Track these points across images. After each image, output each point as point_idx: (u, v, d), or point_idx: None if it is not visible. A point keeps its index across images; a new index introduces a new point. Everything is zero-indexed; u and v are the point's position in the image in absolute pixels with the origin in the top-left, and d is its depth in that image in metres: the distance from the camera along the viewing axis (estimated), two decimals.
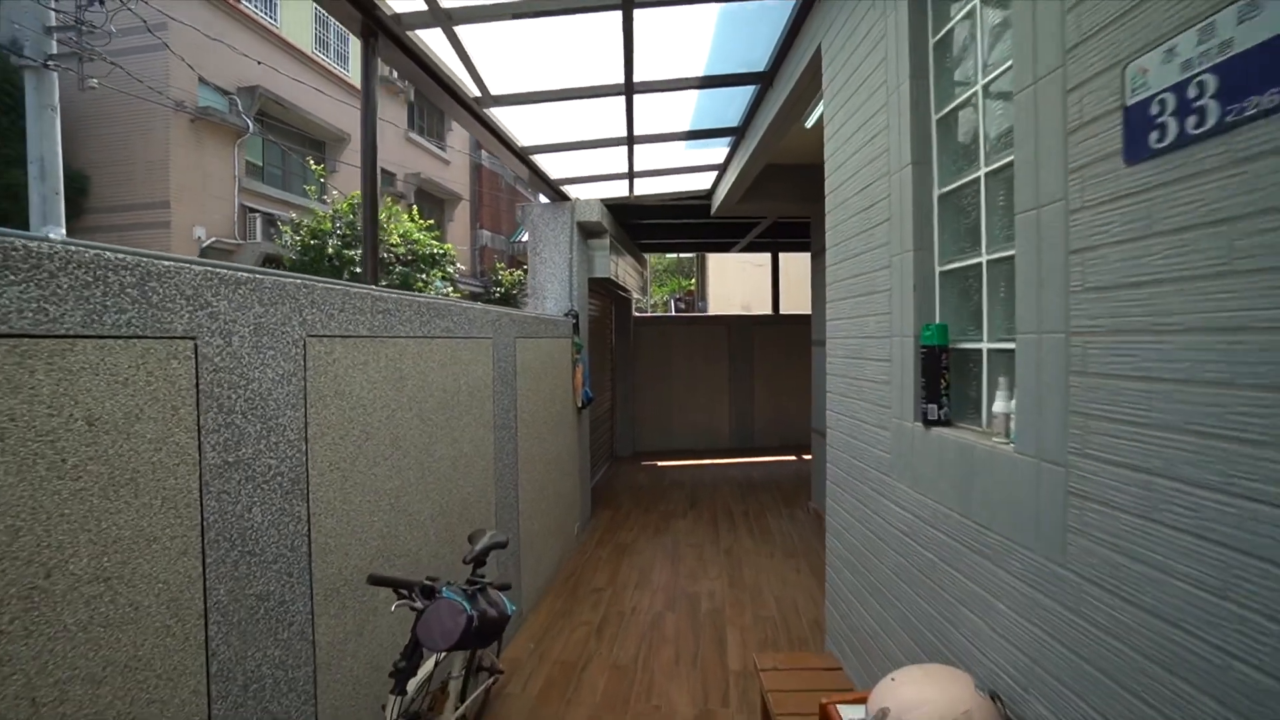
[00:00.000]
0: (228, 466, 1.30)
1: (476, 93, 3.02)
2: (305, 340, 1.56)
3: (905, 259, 1.56)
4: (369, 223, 2.47)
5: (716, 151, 4.35)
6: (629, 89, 3.02)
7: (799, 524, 5.03)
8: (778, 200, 4.91)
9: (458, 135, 19.68)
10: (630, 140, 3.78)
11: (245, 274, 1.38)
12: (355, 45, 14.25)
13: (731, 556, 4.33)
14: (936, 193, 1.50)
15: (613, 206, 5.52)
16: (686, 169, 4.63)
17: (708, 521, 5.16)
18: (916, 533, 1.54)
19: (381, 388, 1.92)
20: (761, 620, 3.38)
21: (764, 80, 3.08)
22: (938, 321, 1.50)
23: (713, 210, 5.30)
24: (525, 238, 4.93)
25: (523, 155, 3.92)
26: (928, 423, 1.45)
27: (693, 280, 22.40)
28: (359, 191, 10.35)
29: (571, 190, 4.92)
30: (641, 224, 7.22)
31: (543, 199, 5.05)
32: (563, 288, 4.82)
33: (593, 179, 4.68)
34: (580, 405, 4.69)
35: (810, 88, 2.85)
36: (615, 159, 4.35)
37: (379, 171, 2.97)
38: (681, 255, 23.33)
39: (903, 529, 1.63)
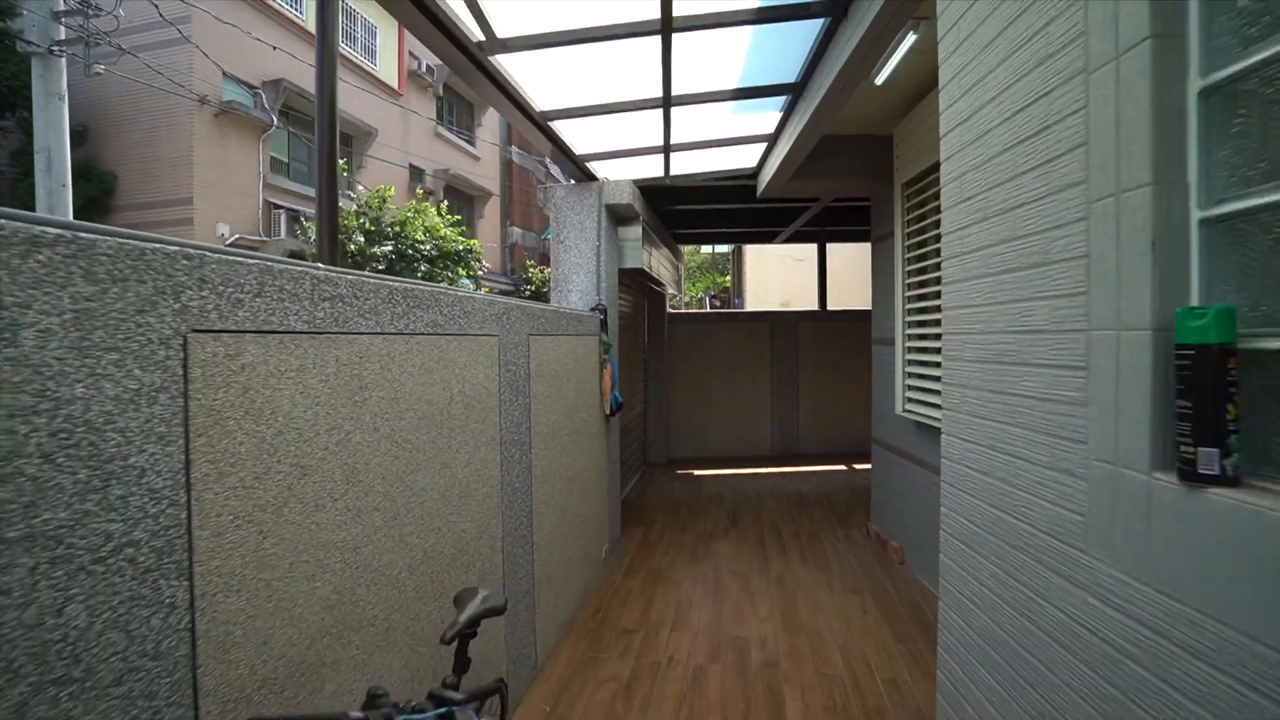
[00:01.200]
0: None
1: (479, 35, 2.48)
2: (186, 338, 1.03)
3: (1130, 202, 0.95)
4: (325, 187, 1.97)
5: (766, 118, 3.74)
6: (666, 27, 2.44)
7: (858, 549, 4.37)
8: (834, 178, 4.27)
9: (489, 131, 19.38)
10: (667, 102, 3.20)
11: (57, 230, 0.85)
12: (383, 39, 14.02)
13: (783, 588, 3.72)
14: (1197, 83, 0.89)
15: (646, 189, 4.95)
16: (731, 140, 4.03)
17: (753, 543, 4.55)
18: (1144, 652, 0.94)
19: (329, 403, 1.39)
20: (826, 679, 2.76)
21: (836, 10, 2.46)
22: (1200, 304, 0.89)
23: (759, 191, 4.68)
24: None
25: (541, 122, 3.38)
26: (1191, 477, 0.84)
27: (728, 277, 21.71)
28: (386, 186, 10.03)
29: (599, 169, 4.37)
30: (677, 210, 6.64)
31: (566, 179, 4.51)
32: (589, 280, 4.28)
33: (623, 154, 4.12)
34: (609, 412, 4.14)
35: (898, 15, 2.23)
36: (649, 129, 3.78)
37: (338, 122, 2.45)
38: (716, 250, 22.66)
39: (1108, 636, 1.02)
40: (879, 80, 3.23)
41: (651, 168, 4.56)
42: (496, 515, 2.34)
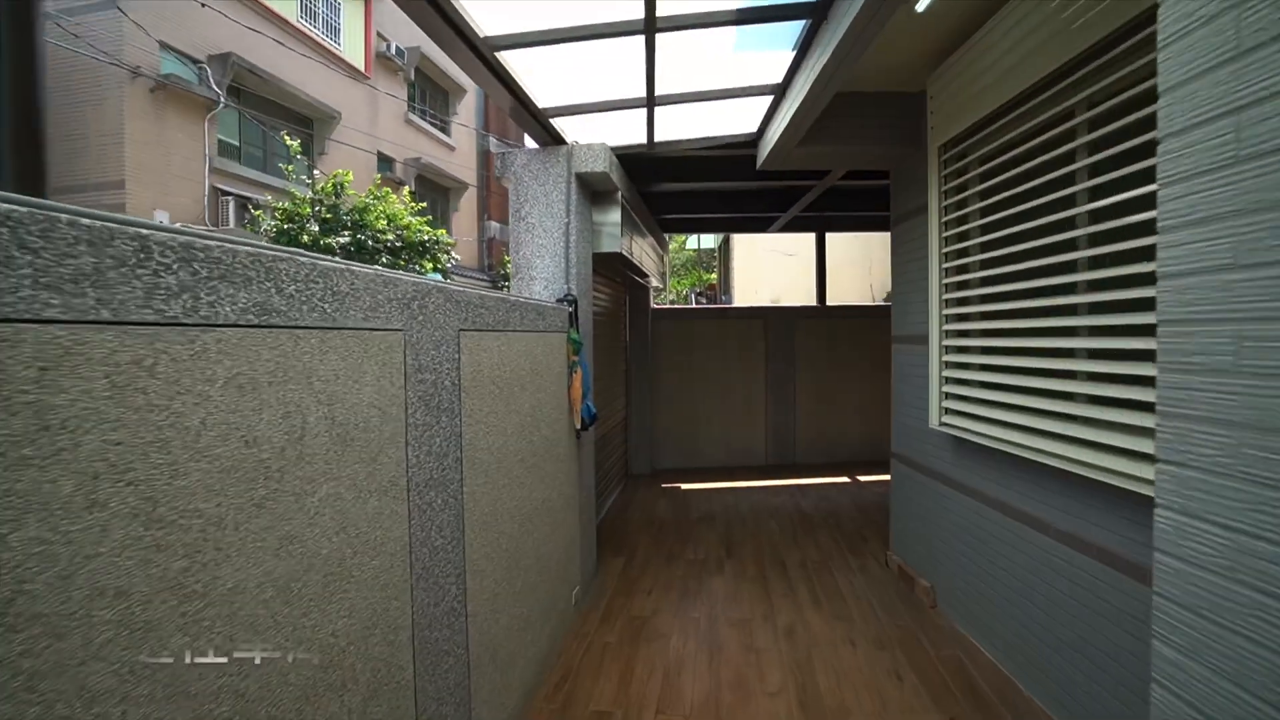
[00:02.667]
0: None
1: None
2: None
3: None
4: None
5: (774, 61, 3.02)
6: None
7: (878, 586, 3.68)
8: (850, 144, 3.56)
9: (465, 120, 18.51)
10: (651, 26, 2.46)
11: None
12: (348, 17, 13.11)
13: (795, 644, 3.01)
14: None
15: (626, 160, 4.21)
16: (729, 93, 3.30)
17: (753, 578, 3.83)
18: None
19: None
20: None
21: None
22: None
23: (759, 162, 3.97)
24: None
25: (486, 55, 2.62)
26: None
27: (714, 274, 21.04)
28: (345, 171, 9.19)
29: (569, 130, 3.62)
30: (663, 193, 5.91)
31: (529, 143, 3.76)
32: (556, 265, 3.53)
33: (598, 108, 3.38)
34: (581, 426, 3.40)
35: None
36: (629, 76, 3.05)
37: None
38: (702, 247, 21.98)
39: None
40: (921, 6, 2.53)
41: (632, 132, 3.83)
42: (401, 593, 1.59)
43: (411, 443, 1.66)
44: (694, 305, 16.38)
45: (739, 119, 3.79)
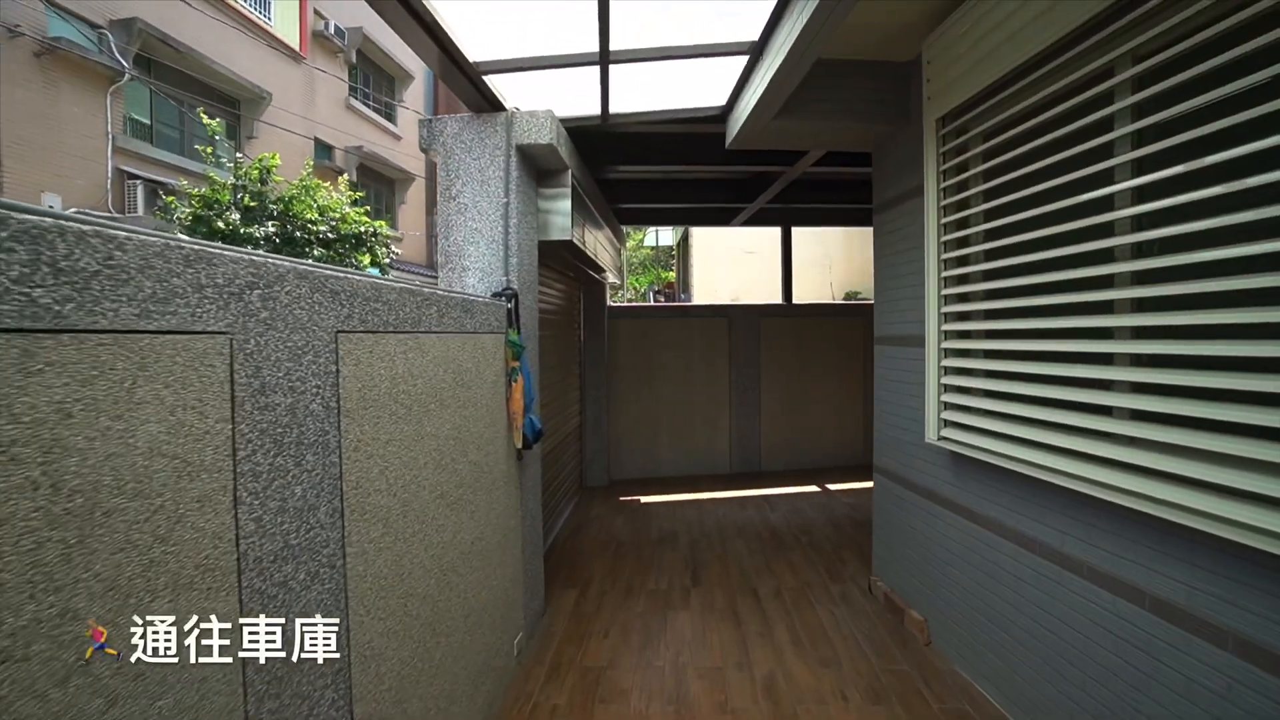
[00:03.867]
0: None
1: None
2: None
3: None
4: None
5: (751, 12, 2.55)
6: None
7: (864, 619, 3.27)
8: (831, 118, 3.13)
9: (413, 107, 17.57)
10: None
11: None
12: None
13: (777, 701, 2.56)
14: None
15: (578, 134, 3.69)
16: (697, 50, 2.82)
17: (723, 613, 3.38)
18: None
19: None
20: None
21: None
22: None
23: (730, 139, 3.51)
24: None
25: None
26: None
27: (673, 273, 20.68)
28: (271, 154, 8.35)
29: (508, 91, 3.07)
30: (619, 179, 5.41)
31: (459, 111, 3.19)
32: (493, 253, 2.98)
33: (543, 64, 2.85)
34: (523, 444, 2.86)
35: None
36: (579, 31, 2.54)
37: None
38: (659, 245, 21.59)
39: None
40: None
41: (584, 101, 3.32)
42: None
43: (247, 501, 1.11)
44: (653, 303, 15.90)
45: (706, 90, 3.32)
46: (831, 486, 5.95)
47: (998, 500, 2.44)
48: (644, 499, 5.74)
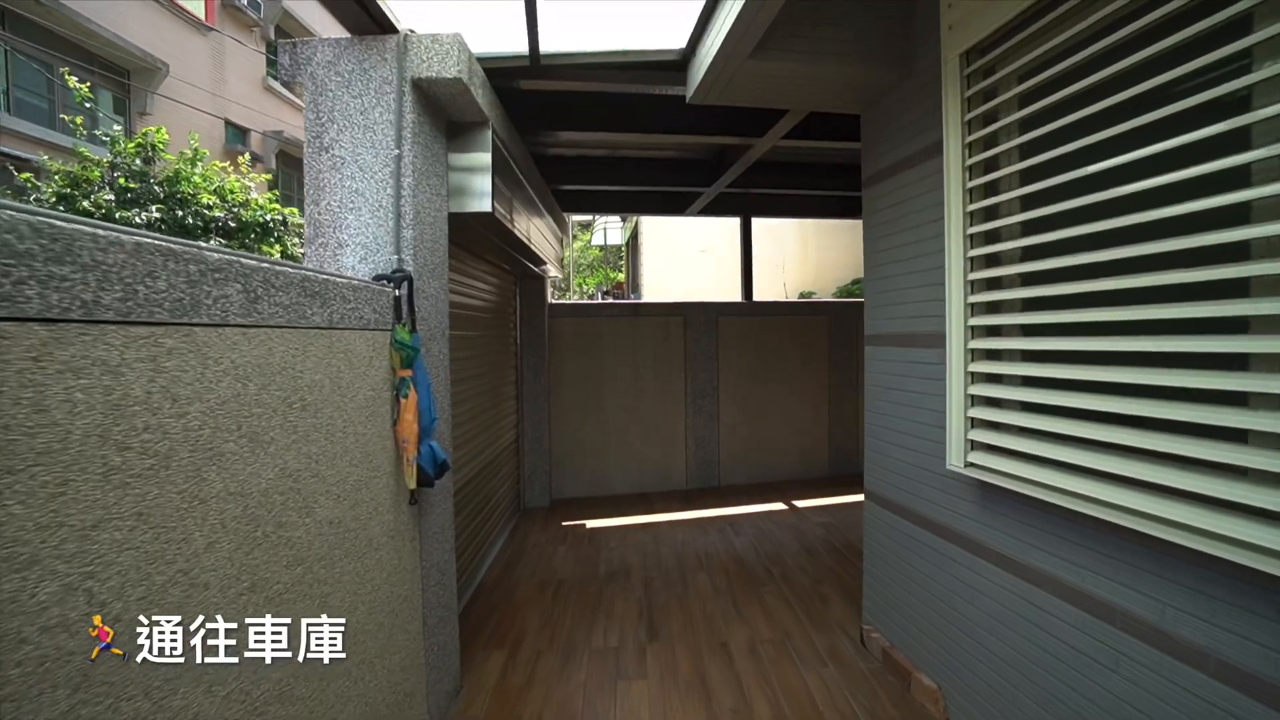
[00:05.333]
0: None
1: None
2: None
3: None
4: None
5: None
6: None
7: (861, 685, 2.66)
8: (817, 61, 2.49)
9: None
10: None
11: None
12: None
13: None
14: None
15: (505, 90, 2.96)
16: None
17: (688, 683, 2.70)
18: None
19: None
20: None
21: None
22: None
23: (691, 92, 2.84)
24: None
25: None
26: None
27: (621, 273, 20.02)
28: (157, 128, 7.20)
29: (402, 9, 2.31)
30: (559, 158, 4.69)
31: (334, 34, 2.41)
32: (380, 223, 2.21)
33: None
34: (420, 483, 2.11)
35: None
36: None
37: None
38: (608, 244, 20.90)
39: None
40: None
41: (506, 33, 2.59)
42: None
43: None
44: (600, 301, 15.14)
45: (663, 29, 2.65)
46: (799, 504, 5.38)
47: (1052, 549, 1.85)
48: (590, 523, 5.01)
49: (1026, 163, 1.90)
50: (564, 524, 5.01)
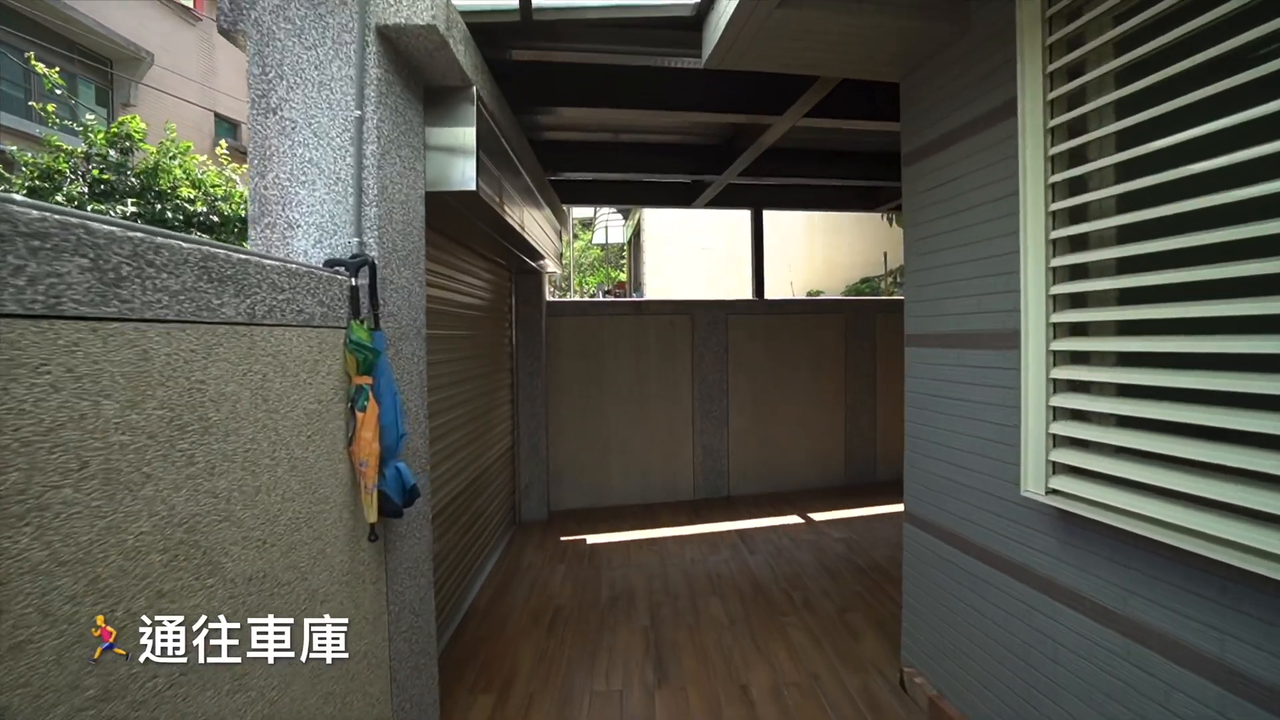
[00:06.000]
0: None
1: None
2: None
3: None
4: None
5: None
6: None
7: None
8: (861, 12, 2.12)
9: None
10: None
11: None
12: None
13: None
14: None
15: (488, 38, 2.59)
16: None
17: None
18: None
19: None
20: None
21: None
22: None
23: (707, 54, 2.46)
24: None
25: None
26: None
27: (623, 272, 19.67)
28: (131, 116, 6.84)
29: None
30: (557, 141, 4.32)
31: None
32: (337, 198, 1.84)
33: None
34: (386, 512, 1.73)
35: None
36: None
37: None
38: (609, 242, 20.54)
39: None
40: None
41: None
42: None
43: None
44: (601, 298, 14.69)
45: None
46: (816, 517, 5.01)
47: (1169, 602, 1.47)
48: (591, 539, 4.64)
49: (1125, 122, 1.53)
50: (562, 539, 4.63)
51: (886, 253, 11.63)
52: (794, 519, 4.97)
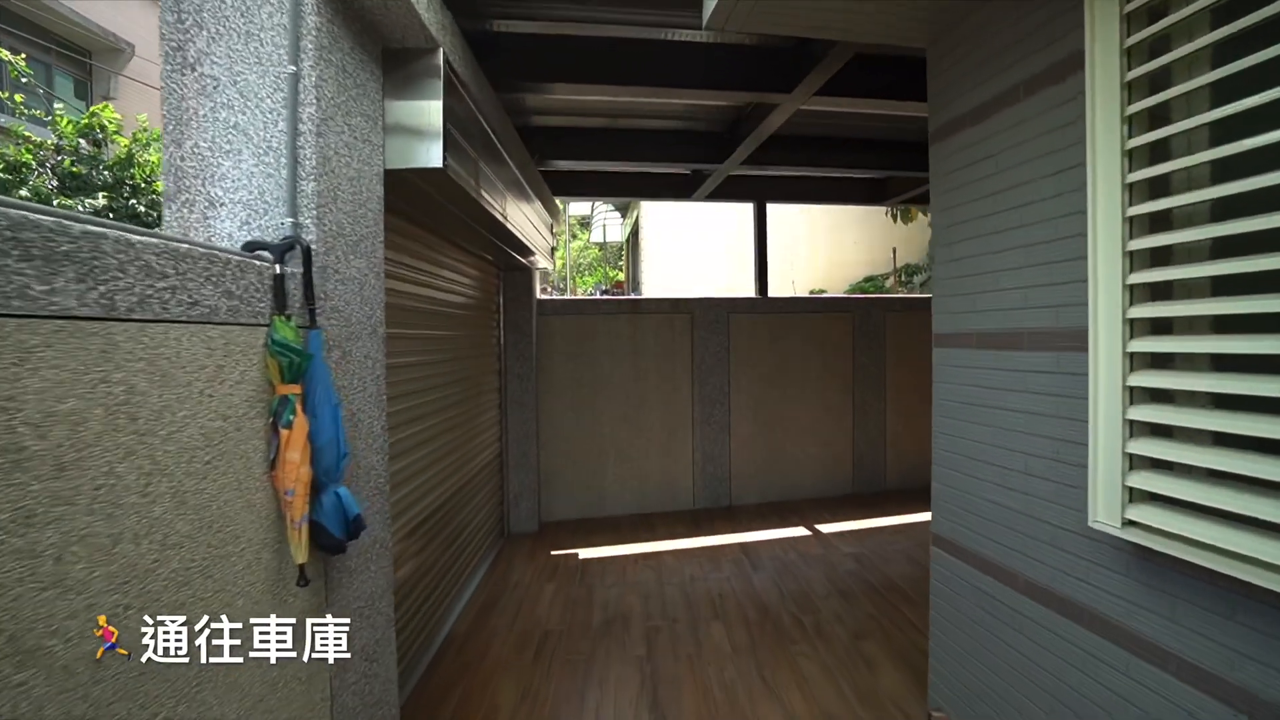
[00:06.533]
0: None
1: None
2: None
3: None
4: None
5: None
6: None
7: None
8: None
9: None
10: None
11: None
12: None
13: None
14: None
15: (463, 7, 2.28)
16: None
17: None
18: None
19: None
20: None
21: None
22: None
23: (708, 14, 2.15)
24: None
25: None
26: None
27: (621, 272, 19.38)
28: (103, 105, 6.53)
29: None
30: (546, 128, 4.03)
31: None
32: (268, 170, 1.53)
33: None
34: (326, 548, 1.43)
35: None
36: None
37: None
38: (608, 242, 20.24)
39: None
40: None
41: None
42: None
43: None
44: (595, 296, 14.31)
45: None
46: (822, 528, 4.70)
47: (1223, 635, 1.17)
48: (584, 553, 4.33)
49: (1222, 70, 1.23)
50: (553, 553, 4.33)
51: (896, 248, 11.33)
52: (800, 531, 4.67)
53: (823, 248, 12.54)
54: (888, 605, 3.36)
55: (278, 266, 1.36)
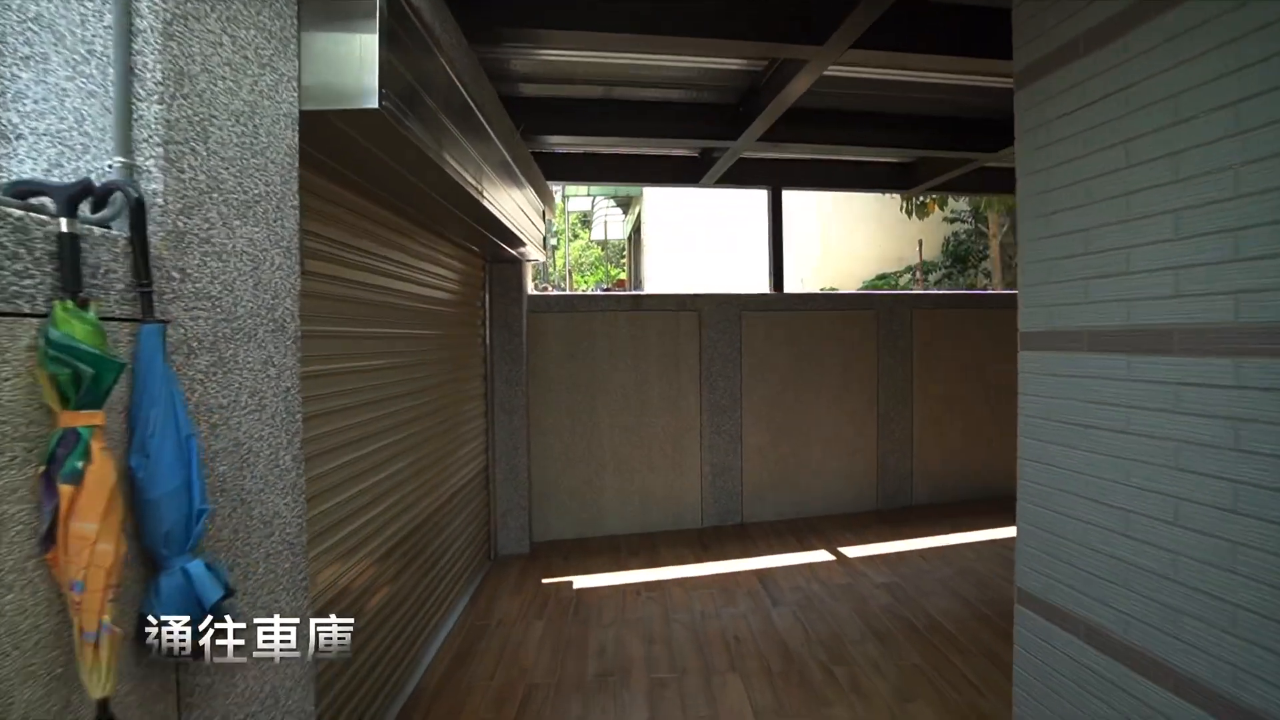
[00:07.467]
0: None
1: None
2: None
3: None
4: None
5: None
6: None
7: None
8: None
9: None
10: None
11: None
12: None
13: None
14: None
15: None
16: None
17: None
18: None
19: None
20: None
21: None
22: None
23: None
24: None
25: None
26: None
27: (622, 271, 18.90)
28: None
29: None
30: (537, 98, 3.54)
31: None
32: (88, 83, 1.03)
33: None
34: (177, 656, 0.93)
35: None
36: None
37: None
38: (609, 239, 19.76)
39: None
40: None
41: None
42: None
43: None
44: (592, 291, 13.63)
45: None
46: (848, 552, 4.20)
47: None
48: (579, 581, 3.84)
49: None
50: (544, 582, 3.83)
51: (922, 240, 10.80)
52: (823, 555, 4.16)
53: (834, 244, 12.03)
54: (934, 653, 2.86)
55: (63, 222, 0.86)
